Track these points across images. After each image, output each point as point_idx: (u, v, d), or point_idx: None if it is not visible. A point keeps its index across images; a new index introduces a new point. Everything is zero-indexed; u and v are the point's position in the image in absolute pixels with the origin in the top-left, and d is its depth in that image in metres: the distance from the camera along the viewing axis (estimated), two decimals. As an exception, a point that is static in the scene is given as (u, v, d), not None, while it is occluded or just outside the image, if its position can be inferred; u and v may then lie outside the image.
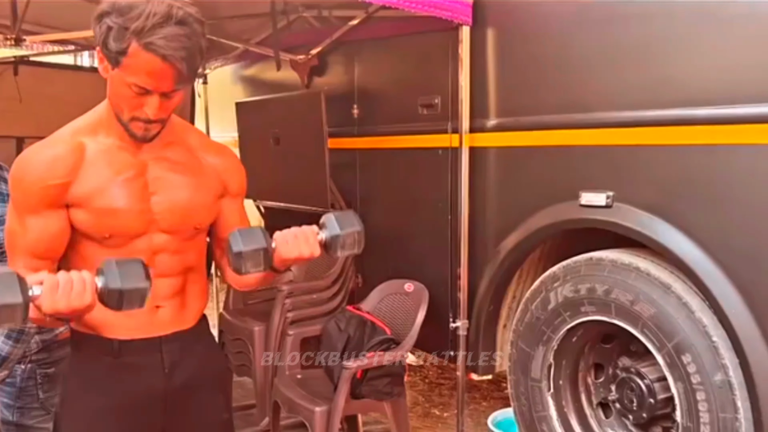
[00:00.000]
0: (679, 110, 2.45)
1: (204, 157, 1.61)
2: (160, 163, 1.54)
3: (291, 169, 4.16)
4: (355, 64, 3.96)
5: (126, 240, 1.51)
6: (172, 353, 1.59)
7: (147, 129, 1.45)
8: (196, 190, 1.57)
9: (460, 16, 3.03)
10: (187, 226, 1.57)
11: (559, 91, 2.84)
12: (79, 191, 1.47)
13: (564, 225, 2.88)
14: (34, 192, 1.45)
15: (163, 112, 1.44)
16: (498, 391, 4.34)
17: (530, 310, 2.94)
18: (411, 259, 3.64)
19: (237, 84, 5.24)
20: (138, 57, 1.35)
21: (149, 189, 1.52)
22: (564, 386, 2.95)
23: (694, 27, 2.45)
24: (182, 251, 1.58)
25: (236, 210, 1.67)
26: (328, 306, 3.64)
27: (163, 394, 1.58)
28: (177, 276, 1.59)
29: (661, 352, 2.50)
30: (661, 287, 2.50)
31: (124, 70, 1.37)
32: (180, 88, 1.41)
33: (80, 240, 1.51)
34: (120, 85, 1.40)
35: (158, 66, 1.35)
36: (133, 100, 1.41)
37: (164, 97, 1.41)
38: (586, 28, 2.74)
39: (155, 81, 1.37)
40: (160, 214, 1.53)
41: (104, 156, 1.49)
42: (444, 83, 3.29)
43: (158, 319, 1.57)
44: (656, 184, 2.54)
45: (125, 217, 1.49)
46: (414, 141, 3.54)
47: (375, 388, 3.05)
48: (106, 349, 1.55)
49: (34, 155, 1.48)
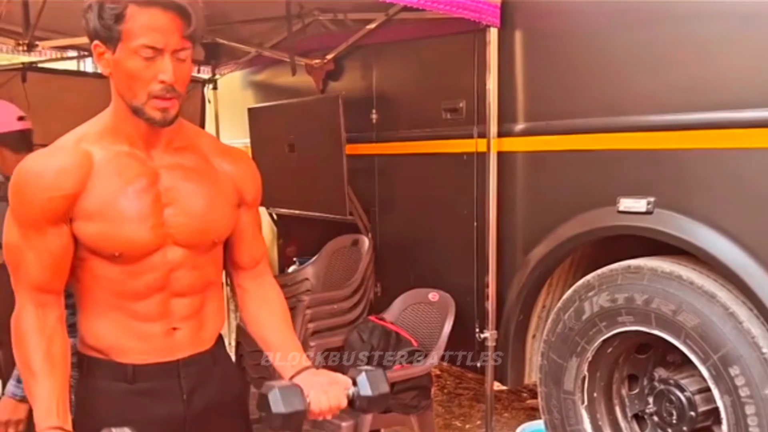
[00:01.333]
0: (726, 113, 2.37)
1: (219, 163, 1.50)
2: (172, 172, 1.42)
3: (307, 176, 4.07)
4: (373, 68, 3.87)
5: (138, 257, 1.39)
6: (191, 378, 1.48)
7: (165, 108, 1.33)
8: (213, 201, 1.46)
9: (488, 18, 2.95)
10: (205, 240, 1.46)
11: (595, 93, 2.76)
12: (87, 204, 1.35)
13: (601, 232, 2.79)
14: (37, 205, 1.33)
15: (178, 79, 1.32)
16: (518, 402, 4.25)
17: (563, 320, 2.85)
18: (433, 268, 3.55)
19: (248, 89, 5.15)
20: (137, 17, 1.27)
21: (162, 200, 1.41)
22: (598, 398, 2.86)
23: (738, 27, 2.38)
24: (200, 266, 1.47)
25: (251, 220, 1.58)
26: (349, 316, 3.55)
27: (182, 421, 1.48)
28: (196, 294, 1.48)
29: (705, 364, 2.41)
30: (705, 296, 2.41)
31: (126, 39, 1.29)
32: (188, 44, 1.32)
33: (89, 257, 1.40)
34: (127, 60, 1.30)
35: (161, 17, 1.28)
36: (145, 72, 1.30)
37: (176, 60, 1.31)
38: (623, 28, 2.66)
39: (162, 35, 1.29)
40: (175, 228, 1.42)
41: (113, 164, 1.37)
42: (469, 87, 3.21)
43: (175, 342, 1.47)
44: (700, 189, 2.46)
45: (137, 232, 1.38)
46: (437, 146, 3.45)
47: (402, 401, 2.98)
48: (120, 375, 1.44)
49: (37, 165, 1.35)
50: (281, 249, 4.88)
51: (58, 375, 1.35)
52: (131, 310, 1.42)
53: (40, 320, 1.37)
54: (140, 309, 1.43)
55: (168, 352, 1.46)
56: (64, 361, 1.38)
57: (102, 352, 1.44)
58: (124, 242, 1.37)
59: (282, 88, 4.67)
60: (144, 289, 1.41)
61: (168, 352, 1.46)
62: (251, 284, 1.62)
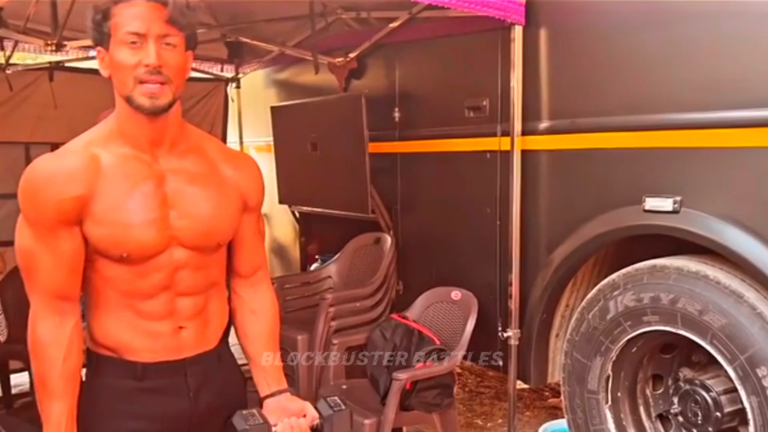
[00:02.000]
0: (753, 111, 2.34)
1: (224, 168, 1.54)
2: (178, 175, 1.47)
3: (329, 175, 4.08)
4: (396, 67, 3.87)
5: (144, 258, 1.43)
6: (197, 376, 1.53)
7: (153, 93, 1.37)
8: (217, 204, 1.51)
9: (513, 16, 2.94)
10: (209, 242, 1.50)
11: (621, 92, 2.73)
12: (96, 207, 1.39)
13: (626, 231, 2.77)
14: (50, 208, 1.36)
15: (166, 65, 1.37)
16: (540, 401, 4.24)
17: (587, 320, 2.84)
18: (456, 266, 3.54)
19: (271, 88, 5.17)
20: (121, 11, 1.37)
21: (168, 203, 1.45)
22: (622, 398, 2.84)
23: (764, 24, 2.34)
24: (204, 267, 1.52)
25: (252, 224, 1.63)
26: (372, 314, 3.57)
27: (188, 417, 1.53)
28: (200, 294, 1.53)
29: (732, 365, 2.39)
30: (732, 296, 2.39)
31: (114, 31, 1.37)
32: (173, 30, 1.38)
33: (98, 259, 1.43)
34: (117, 52, 1.37)
35: (142, 5, 1.37)
36: (131, 59, 1.36)
37: (162, 45, 1.37)
38: (648, 25, 2.63)
39: (144, 21, 1.36)
40: (180, 230, 1.46)
41: (120, 167, 1.41)
42: (493, 85, 3.20)
43: (181, 341, 1.51)
44: (727, 188, 2.43)
45: (143, 234, 1.41)
46: (459, 144, 3.45)
47: (424, 399, 2.97)
48: (129, 373, 1.49)
49: (47, 168, 1.39)
50: (303, 247, 4.90)
51: (70, 393, 1.42)
52: (139, 309, 1.46)
53: (57, 329, 1.41)
54: (147, 308, 1.47)
55: (175, 351, 1.50)
56: (78, 375, 1.44)
57: (112, 350, 1.48)
58: (132, 244, 1.41)
59: (305, 87, 4.69)
60: (150, 288, 1.46)
61: (175, 351, 1.50)
62: (247, 292, 1.67)
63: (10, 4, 3.82)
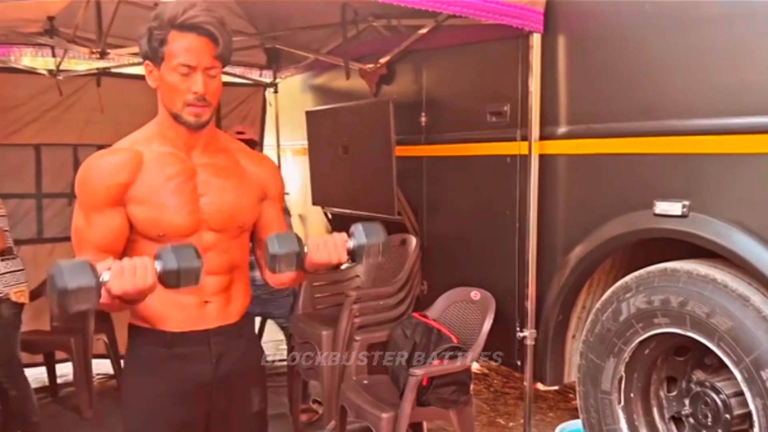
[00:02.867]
0: (762, 117, 2.37)
1: (246, 164, 1.80)
2: (207, 169, 1.71)
3: (358, 177, 4.21)
4: (423, 73, 3.98)
5: (178, 238, 1.64)
6: (219, 345, 1.75)
7: (198, 113, 1.63)
8: (240, 193, 1.74)
9: (531, 24, 3.01)
10: (233, 225, 1.73)
11: (633, 98, 2.78)
12: (137, 192, 1.64)
13: (637, 234, 2.82)
14: (99, 192, 1.62)
15: (209, 92, 1.62)
16: (565, 402, 4.28)
17: (601, 321, 2.89)
18: (477, 267, 3.63)
19: (307, 93, 5.33)
20: (176, 41, 1.58)
21: (198, 191, 1.69)
22: (635, 399, 2.89)
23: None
24: (229, 250, 1.74)
25: (275, 213, 1.84)
26: (395, 312, 3.67)
27: (210, 381, 1.74)
28: (224, 274, 1.74)
29: (738, 367, 2.42)
30: (739, 300, 2.42)
31: (168, 58, 1.60)
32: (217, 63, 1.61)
33: (138, 239, 1.67)
34: (168, 76, 1.61)
35: (195, 41, 1.58)
36: (181, 86, 1.60)
37: (207, 76, 1.61)
38: (662, 33, 2.68)
39: (195, 55, 1.58)
40: (209, 214, 1.69)
41: (158, 162, 1.66)
42: (513, 91, 3.28)
43: (207, 314, 1.73)
44: (735, 194, 2.47)
45: (177, 216, 1.66)
46: (482, 148, 3.53)
47: (441, 395, 3.05)
48: (160, 341, 1.71)
49: (99, 161, 1.65)
50: (335, 247, 5.02)
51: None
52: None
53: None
54: None
55: (200, 322, 1.72)
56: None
57: (147, 320, 1.72)
58: (167, 225, 1.65)
59: (338, 92, 4.84)
60: None
61: (201, 322, 1.72)
62: None
63: (62, 12, 4.08)
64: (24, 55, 4.61)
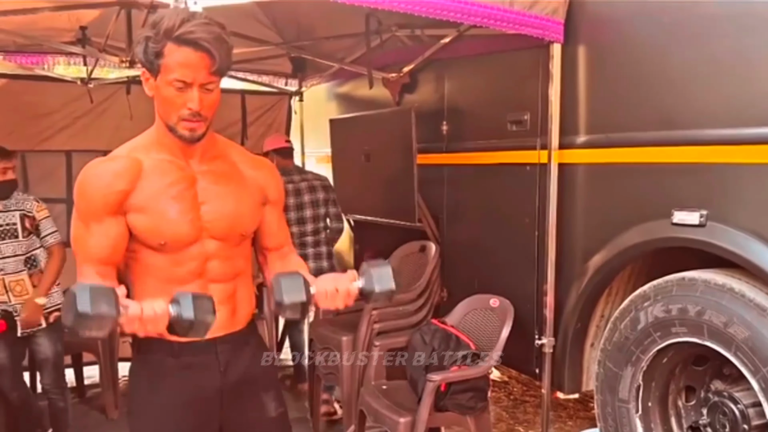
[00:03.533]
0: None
1: (245, 169, 1.77)
2: (206, 176, 1.69)
3: (380, 185, 4.26)
4: (445, 82, 4.03)
5: (180, 247, 1.65)
6: (226, 353, 1.74)
7: (193, 128, 1.59)
8: (241, 200, 1.72)
9: (551, 34, 3.04)
10: (235, 233, 1.72)
11: (652, 107, 2.80)
12: (137, 200, 1.61)
13: (655, 244, 2.82)
14: (97, 200, 1.60)
15: (204, 107, 1.57)
16: (585, 411, 4.27)
17: (619, 330, 2.90)
18: (496, 275, 3.65)
19: (331, 101, 5.40)
20: (173, 54, 1.52)
21: (199, 199, 1.67)
22: (653, 408, 2.89)
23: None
24: (231, 257, 1.73)
25: (276, 218, 1.84)
26: (414, 318, 3.70)
27: (219, 390, 1.74)
28: (228, 281, 1.74)
29: (756, 377, 2.42)
30: (756, 309, 2.42)
31: (164, 72, 1.54)
32: (214, 78, 1.56)
33: (139, 249, 1.65)
34: (164, 88, 1.56)
35: (192, 56, 1.52)
36: (177, 100, 1.55)
37: (203, 90, 1.56)
38: (681, 43, 2.69)
39: (192, 71, 1.53)
40: (210, 222, 1.67)
41: (158, 170, 1.64)
42: (534, 100, 3.30)
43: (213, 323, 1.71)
44: (753, 204, 2.47)
45: (178, 224, 1.63)
46: (502, 157, 3.56)
47: (458, 401, 3.08)
48: (167, 351, 1.70)
49: (97, 169, 1.63)
50: (357, 254, 5.09)
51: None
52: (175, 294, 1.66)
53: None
54: None
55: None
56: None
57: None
58: (168, 233, 1.63)
59: (362, 100, 4.90)
60: (185, 275, 1.68)
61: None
62: (277, 262, 1.86)
63: (93, 22, 4.20)
64: (57, 63, 4.75)
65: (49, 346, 3.46)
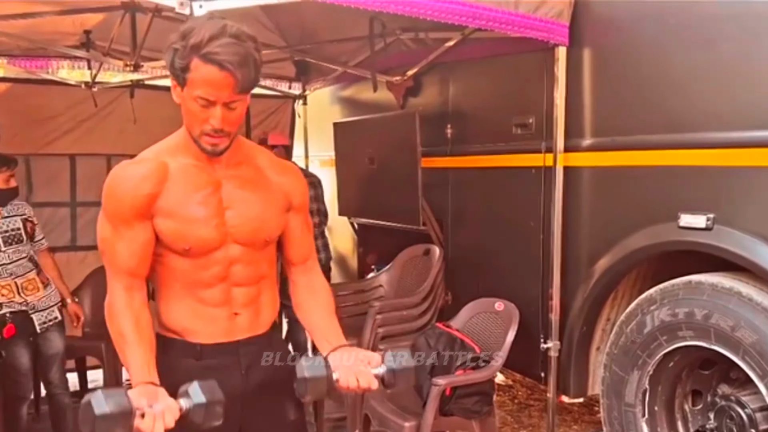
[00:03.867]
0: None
1: (271, 175, 1.75)
2: (232, 181, 1.68)
3: (385, 188, 4.25)
4: (449, 85, 4.02)
5: (204, 251, 1.64)
6: (249, 356, 1.73)
7: (215, 144, 1.58)
8: (266, 205, 1.71)
9: (556, 37, 3.04)
10: (259, 238, 1.71)
11: (658, 110, 2.79)
12: (164, 204, 1.61)
13: (662, 247, 2.82)
14: (126, 202, 1.60)
15: (227, 124, 1.57)
16: (590, 415, 4.25)
17: (625, 333, 2.89)
18: (501, 278, 3.64)
19: (335, 104, 5.40)
20: (199, 70, 1.50)
21: (224, 204, 1.66)
22: (659, 412, 2.88)
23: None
24: (255, 262, 1.72)
25: (300, 223, 1.82)
26: (418, 322, 3.69)
27: (241, 393, 1.72)
28: (252, 285, 1.73)
29: (763, 381, 2.41)
30: (763, 313, 2.41)
31: (189, 86, 1.52)
32: (239, 97, 1.54)
33: (165, 253, 1.65)
34: (188, 101, 1.55)
35: (216, 75, 1.49)
36: (200, 115, 1.54)
37: (227, 109, 1.54)
38: (687, 46, 2.69)
39: (216, 90, 1.51)
40: (234, 227, 1.67)
41: (184, 174, 1.63)
42: (539, 103, 3.30)
43: (236, 325, 1.71)
44: (760, 207, 2.46)
45: (203, 229, 1.63)
46: (507, 160, 3.55)
47: (463, 405, 3.07)
48: (190, 353, 1.70)
49: (126, 171, 1.63)
50: (361, 257, 5.08)
51: (146, 341, 1.61)
52: (200, 297, 1.68)
53: (129, 300, 1.63)
54: (207, 296, 1.69)
55: (230, 334, 1.71)
56: (150, 332, 1.65)
57: (176, 332, 1.71)
58: (194, 238, 1.63)
59: (366, 104, 4.89)
60: (210, 279, 1.68)
61: (230, 333, 1.71)
62: (301, 278, 1.86)
63: (98, 26, 4.20)
64: (61, 67, 4.75)
65: (60, 340, 3.54)
